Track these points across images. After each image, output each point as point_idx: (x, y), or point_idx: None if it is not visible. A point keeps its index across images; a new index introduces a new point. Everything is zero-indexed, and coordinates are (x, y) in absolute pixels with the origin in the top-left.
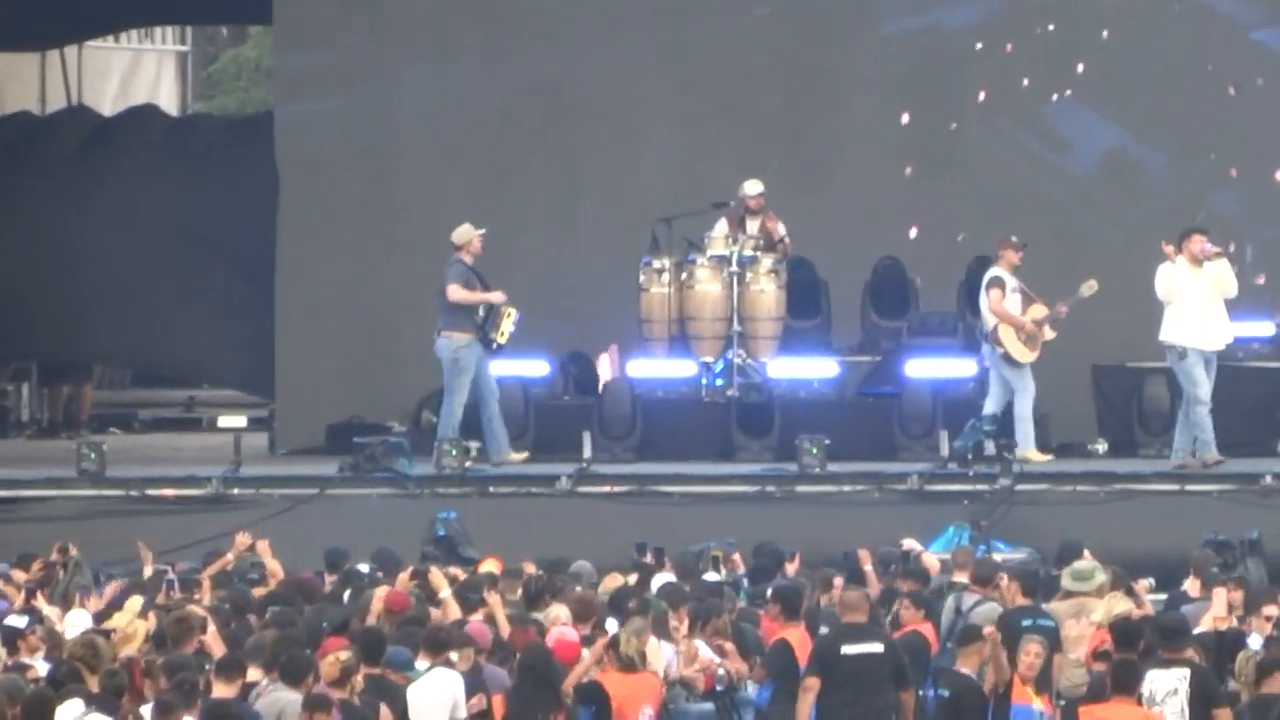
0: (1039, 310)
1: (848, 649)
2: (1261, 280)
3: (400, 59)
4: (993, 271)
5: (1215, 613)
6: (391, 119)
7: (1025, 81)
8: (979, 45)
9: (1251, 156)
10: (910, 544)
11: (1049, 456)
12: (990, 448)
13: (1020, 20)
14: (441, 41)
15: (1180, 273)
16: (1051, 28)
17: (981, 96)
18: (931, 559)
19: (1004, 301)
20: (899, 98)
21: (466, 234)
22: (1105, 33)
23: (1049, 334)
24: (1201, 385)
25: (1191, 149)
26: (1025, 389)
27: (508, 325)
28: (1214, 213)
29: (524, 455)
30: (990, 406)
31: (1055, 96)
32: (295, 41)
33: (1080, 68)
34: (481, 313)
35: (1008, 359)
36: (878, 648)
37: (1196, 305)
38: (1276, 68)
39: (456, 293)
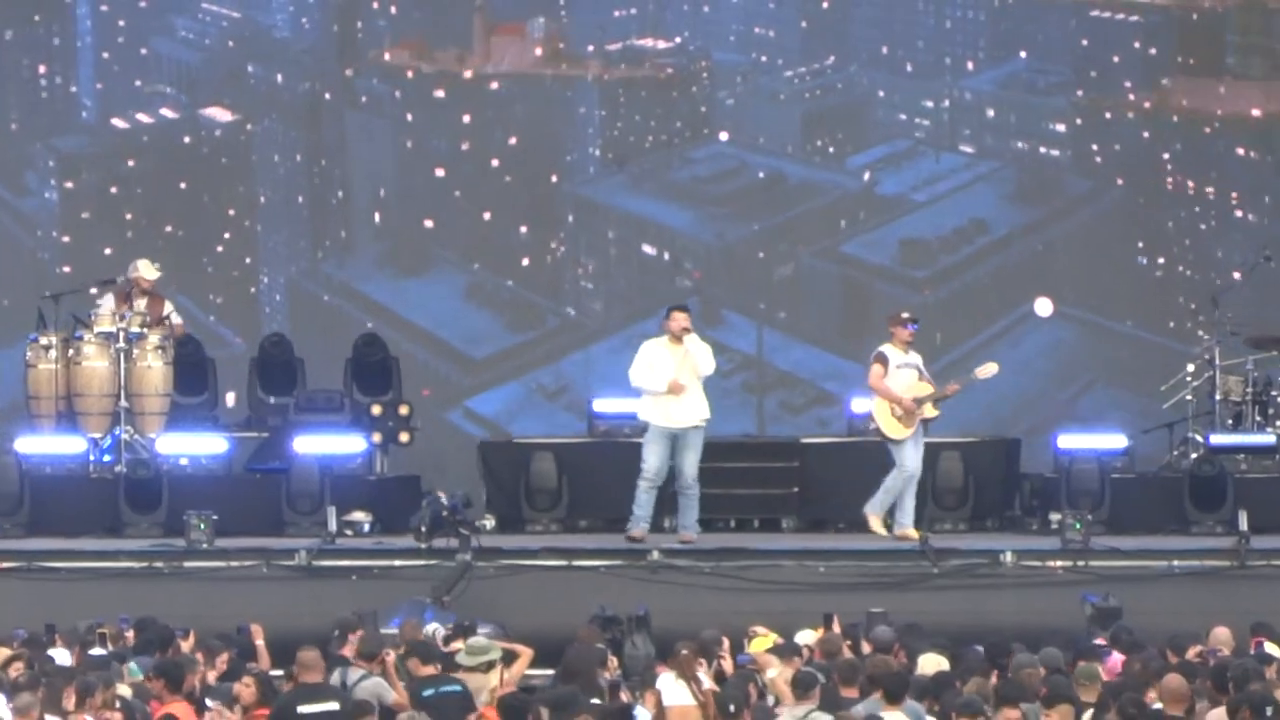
0: (923, 388)
1: (304, 708)
2: None
3: None
4: (879, 348)
5: None
6: None
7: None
8: None
9: None
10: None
11: (885, 531)
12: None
13: None
14: None
15: (657, 350)
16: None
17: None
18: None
19: (885, 378)
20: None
21: None
22: None
23: (930, 412)
24: (648, 462)
25: None
26: (900, 464)
27: None
28: None
29: None
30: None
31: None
32: None
33: None
34: None
35: (880, 434)
36: (333, 706)
37: (657, 375)
38: None
39: None
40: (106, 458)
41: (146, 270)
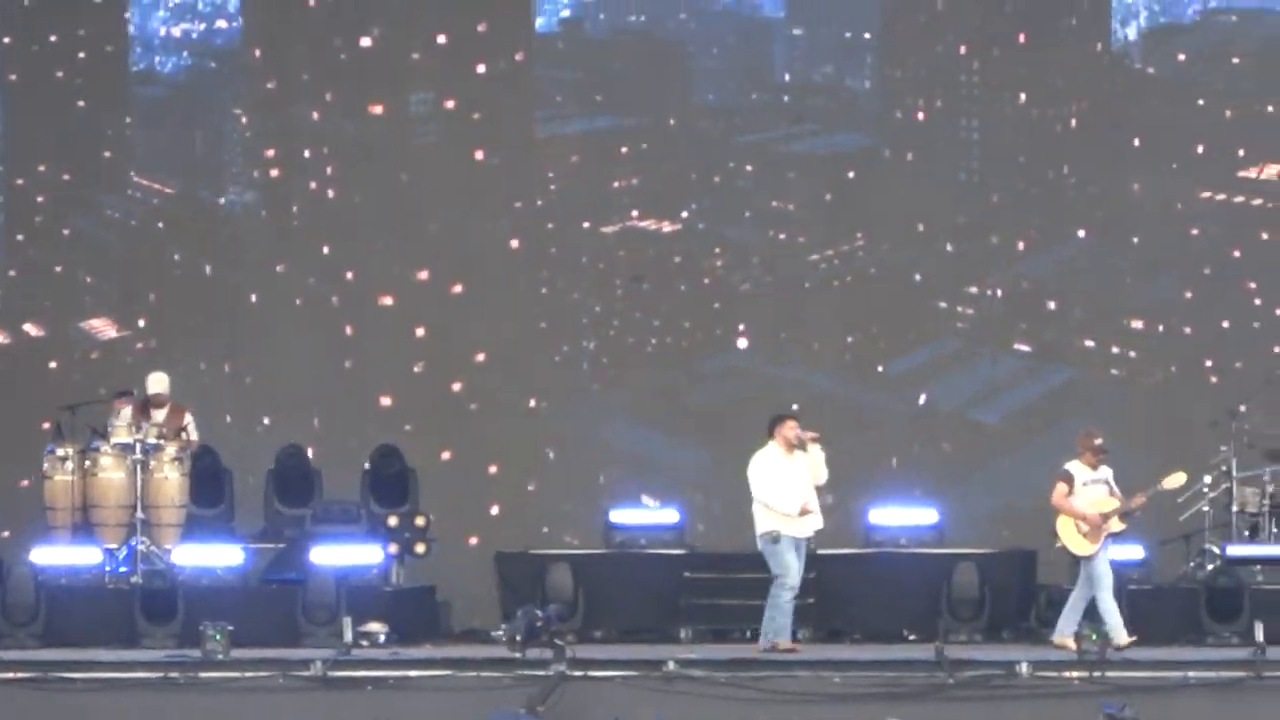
0: (1108, 503)
1: None
2: None
3: None
4: (1066, 465)
5: None
6: None
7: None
8: None
9: None
10: None
11: (1074, 646)
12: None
13: None
14: None
15: (773, 460)
16: None
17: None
18: None
19: (1069, 495)
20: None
21: None
22: None
23: (1116, 526)
24: (791, 573)
25: None
26: (1085, 580)
27: None
28: None
29: None
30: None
31: None
32: None
33: None
34: None
35: (1065, 551)
36: None
37: (787, 492)
38: None
39: None
40: (122, 568)
41: (156, 385)
